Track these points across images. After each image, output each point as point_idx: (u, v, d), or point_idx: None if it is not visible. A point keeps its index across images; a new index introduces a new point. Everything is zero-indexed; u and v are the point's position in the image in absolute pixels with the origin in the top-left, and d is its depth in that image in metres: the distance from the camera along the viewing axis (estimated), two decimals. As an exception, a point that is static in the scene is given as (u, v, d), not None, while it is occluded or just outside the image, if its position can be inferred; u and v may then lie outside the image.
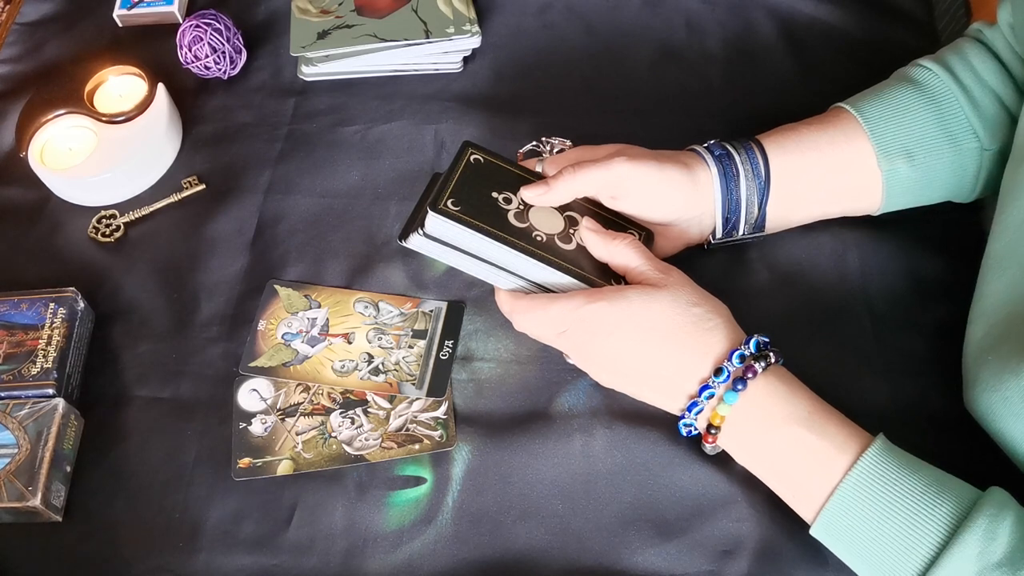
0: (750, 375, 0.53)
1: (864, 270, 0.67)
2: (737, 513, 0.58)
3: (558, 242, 0.59)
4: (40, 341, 0.63)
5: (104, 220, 0.73)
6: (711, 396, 0.54)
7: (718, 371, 0.54)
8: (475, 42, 0.79)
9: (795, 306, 0.66)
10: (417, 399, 0.63)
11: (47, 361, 0.62)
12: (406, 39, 0.78)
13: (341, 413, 0.63)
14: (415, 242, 0.58)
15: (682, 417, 0.56)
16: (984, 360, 0.53)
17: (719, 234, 0.64)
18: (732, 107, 0.77)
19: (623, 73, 0.80)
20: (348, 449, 0.61)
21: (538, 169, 0.64)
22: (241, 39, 0.80)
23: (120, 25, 0.86)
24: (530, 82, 0.80)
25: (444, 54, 0.80)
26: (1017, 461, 0.52)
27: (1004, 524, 0.47)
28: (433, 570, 0.57)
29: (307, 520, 0.59)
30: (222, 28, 0.78)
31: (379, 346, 0.66)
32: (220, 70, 0.79)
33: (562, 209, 0.61)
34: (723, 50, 0.81)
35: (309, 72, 0.80)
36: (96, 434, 0.63)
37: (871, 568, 0.51)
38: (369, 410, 0.63)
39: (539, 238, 0.59)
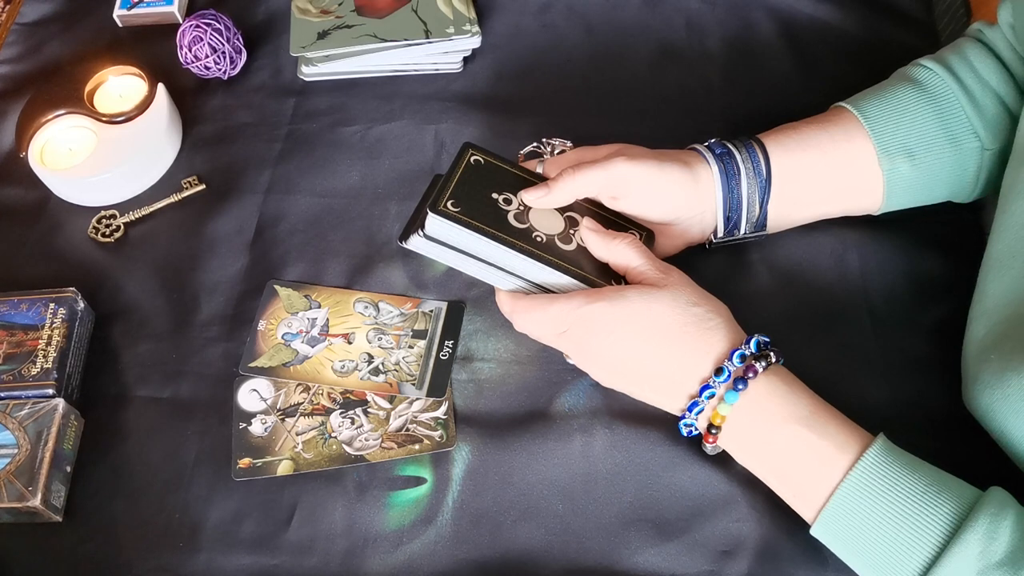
0: (751, 375, 0.53)
1: (864, 270, 0.67)
2: (737, 513, 0.58)
3: (558, 242, 0.59)
4: (40, 341, 0.63)
5: (104, 220, 0.73)
6: (712, 396, 0.54)
7: (719, 371, 0.54)
8: (475, 42, 0.79)
9: (795, 306, 0.66)
10: (417, 399, 0.63)
11: (47, 361, 0.62)
12: (406, 39, 0.78)
13: (341, 413, 0.63)
14: (415, 243, 0.58)
15: (683, 417, 0.56)
16: (985, 359, 0.53)
17: (720, 233, 0.64)
18: (732, 107, 0.77)
19: (623, 73, 0.80)
20: (348, 449, 0.61)
21: (539, 170, 0.64)
22: (241, 39, 0.80)
23: (120, 25, 0.86)
24: (530, 82, 0.80)
25: (444, 54, 0.80)
26: (1017, 459, 0.52)
27: (1005, 524, 0.47)
28: (433, 570, 0.57)
29: (307, 520, 0.59)
30: (222, 28, 0.78)
31: (379, 346, 0.66)
32: (220, 70, 0.79)
33: (562, 210, 0.61)
34: (723, 50, 0.81)
35: (309, 72, 0.80)
36: (96, 434, 0.63)
37: (872, 568, 0.51)
38: (369, 410, 0.63)
39: (539, 239, 0.59)
